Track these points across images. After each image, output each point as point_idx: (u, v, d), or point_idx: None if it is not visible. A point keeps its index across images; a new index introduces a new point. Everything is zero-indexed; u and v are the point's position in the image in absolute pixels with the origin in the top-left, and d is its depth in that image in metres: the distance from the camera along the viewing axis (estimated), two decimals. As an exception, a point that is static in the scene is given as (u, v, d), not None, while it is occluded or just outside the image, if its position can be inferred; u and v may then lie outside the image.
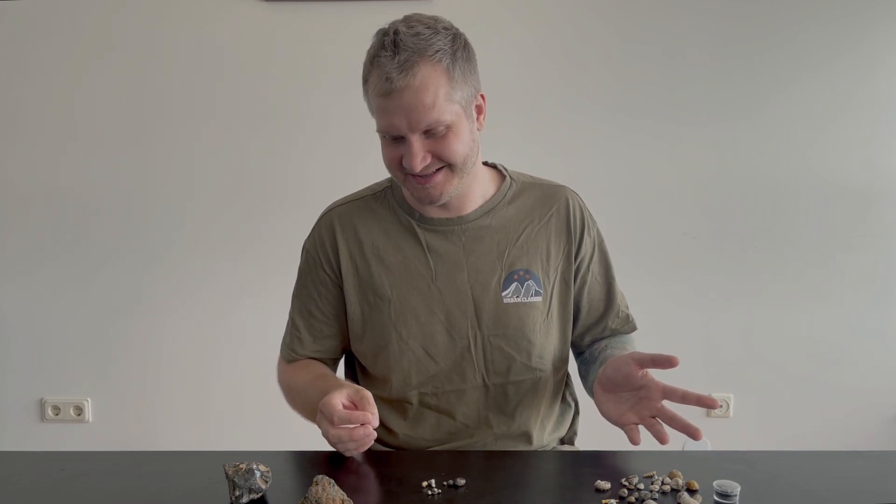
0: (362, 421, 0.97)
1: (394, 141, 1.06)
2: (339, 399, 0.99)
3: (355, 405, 0.99)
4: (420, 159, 1.04)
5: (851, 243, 2.28)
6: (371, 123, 1.10)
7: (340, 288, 1.21)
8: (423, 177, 1.07)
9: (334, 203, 1.25)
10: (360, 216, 1.21)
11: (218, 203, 2.27)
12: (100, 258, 2.29)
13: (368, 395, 1.00)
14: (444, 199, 1.11)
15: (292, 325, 1.26)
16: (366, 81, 1.08)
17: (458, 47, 1.05)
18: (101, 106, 2.23)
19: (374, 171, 1.36)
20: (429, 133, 1.04)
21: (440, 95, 1.02)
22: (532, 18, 2.17)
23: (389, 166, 1.11)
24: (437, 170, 1.07)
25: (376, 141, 2.17)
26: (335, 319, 1.23)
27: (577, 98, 2.20)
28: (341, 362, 1.32)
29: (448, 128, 1.04)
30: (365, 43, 1.11)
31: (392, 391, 1.19)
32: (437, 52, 1.02)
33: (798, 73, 2.22)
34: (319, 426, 1.01)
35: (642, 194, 2.27)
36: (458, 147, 1.06)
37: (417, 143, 1.04)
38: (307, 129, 2.24)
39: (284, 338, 1.27)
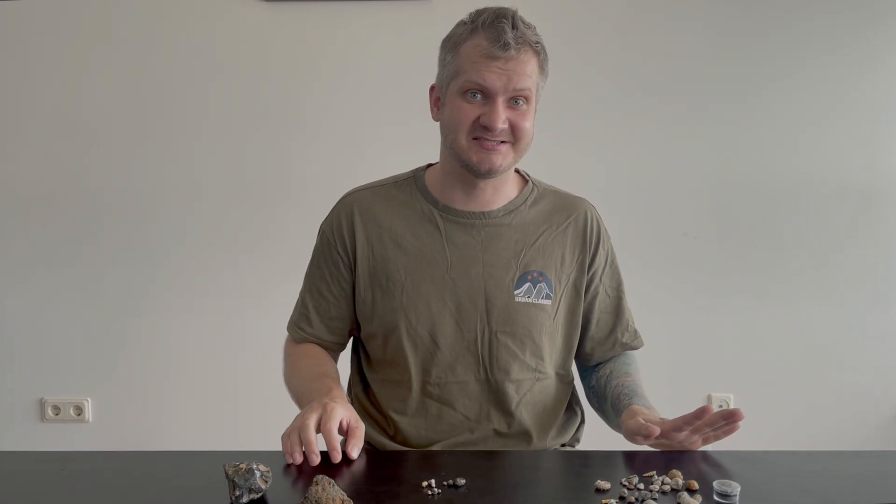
0: (330, 449, 0.97)
1: (474, 101, 1.12)
2: (341, 416, 1.01)
3: (345, 431, 1.02)
4: (502, 120, 1.11)
5: (851, 243, 2.29)
6: (372, 123, 1.10)
7: (352, 271, 1.23)
8: (491, 142, 1.12)
9: (354, 188, 1.27)
10: (380, 201, 1.23)
11: (218, 203, 2.27)
12: (100, 258, 2.29)
13: (362, 433, 1.02)
14: (498, 171, 1.15)
15: (302, 304, 1.28)
16: (463, 40, 1.13)
17: (545, 52, 1.17)
18: (101, 107, 2.23)
19: (374, 169, 1.36)
20: (511, 102, 1.12)
21: (534, 74, 1.14)
22: (528, 18, 2.17)
23: (459, 126, 1.13)
24: (503, 141, 1.14)
25: (375, 140, 2.18)
26: (344, 301, 1.25)
27: (575, 98, 2.20)
28: (345, 350, 1.33)
29: (528, 103, 1.14)
30: (363, 42, 1.11)
31: (396, 376, 1.21)
32: (538, 44, 1.14)
33: (798, 73, 2.22)
34: (305, 415, 1.01)
35: (642, 194, 2.27)
36: (528, 124, 1.14)
37: (502, 105, 1.11)
38: (307, 129, 2.24)
39: (293, 315, 1.29)
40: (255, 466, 0.88)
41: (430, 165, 1.28)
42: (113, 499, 0.92)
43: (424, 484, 0.92)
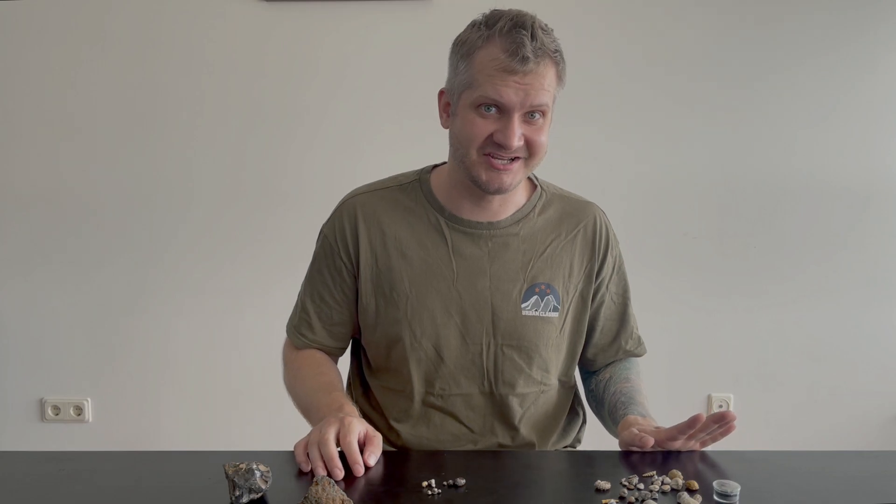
0: (352, 463, 0.95)
1: (489, 115, 1.06)
2: (359, 429, 0.98)
3: (362, 442, 0.99)
4: (518, 136, 1.06)
5: (851, 243, 2.28)
6: (370, 122, 1.10)
7: (355, 277, 1.19)
8: (502, 161, 1.08)
9: (357, 190, 1.23)
10: (384, 206, 1.19)
11: (217, 202, 2.27)
12: (99, 258, 2.29)
13: (380, 441, 1.00)
14: (508, 189, 1.11)
15: (302, 309, 1.24)
16: (478, 48, 1.06)
17: (563, 58, 1.11)
18: (98, 105, 2.23)
19: (371, 168, 1.36)
20: (527, 115, 1.07)
21: (552, 86, 1.08)
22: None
23: (471, 141, 1.08)
24: (515, 158, 1.09)
25: (373, 139, 2.16)
26: (346, 307, 1.22)
27: (575, 97, 2.19)
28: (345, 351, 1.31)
29: (544, 116, 1.08)
30: (361, 42, 1.10)
31: (398, 385, 1.20)
32: (557, 52, 1.08)
33: (798, 73, 2.22)
34: (322, 429, 0.98)
35: (642, 194, 2.26)
36: (544, 138, 1.09)
37: (518, 121, 1.06)
38: (305, 128, 2.23)
39: (292, 319, 1.26)
40: (255, 466, 0.88)
41: (435, 167, 1.23)
42: (113, 499, 0.92)
43: (424, 484, 0.92)
